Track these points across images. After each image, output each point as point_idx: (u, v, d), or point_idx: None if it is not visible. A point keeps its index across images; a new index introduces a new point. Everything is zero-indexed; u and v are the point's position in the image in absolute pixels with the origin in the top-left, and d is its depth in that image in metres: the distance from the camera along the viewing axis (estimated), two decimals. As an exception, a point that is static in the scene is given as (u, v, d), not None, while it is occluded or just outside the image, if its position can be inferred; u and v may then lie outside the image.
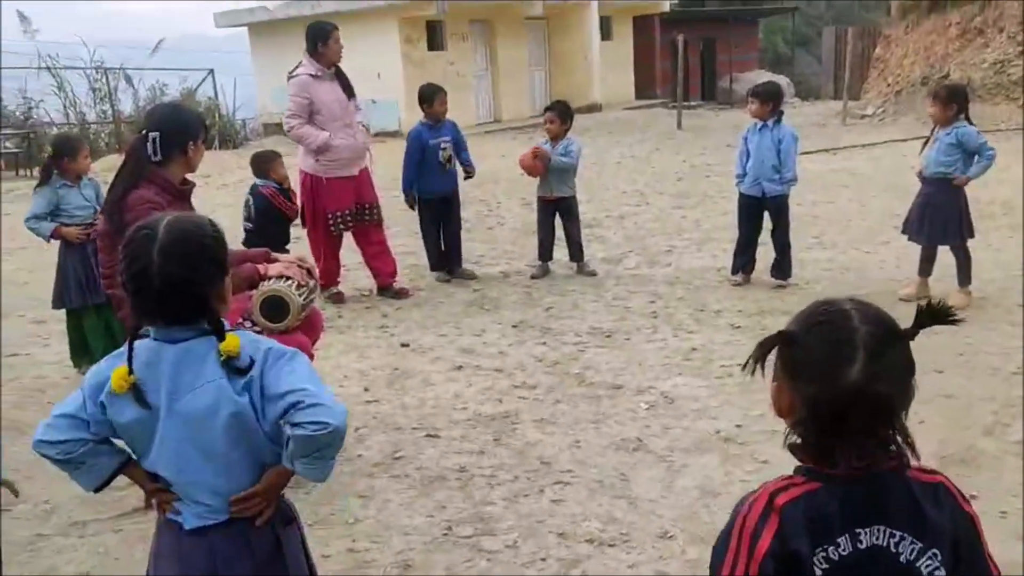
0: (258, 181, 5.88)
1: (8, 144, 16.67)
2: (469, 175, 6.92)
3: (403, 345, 5.36)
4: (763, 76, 27.91)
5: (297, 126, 6.07)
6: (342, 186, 6.18)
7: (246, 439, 1.84)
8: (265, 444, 1.86)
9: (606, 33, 24.34)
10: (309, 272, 3.51)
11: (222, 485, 1.86)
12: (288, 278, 3.35)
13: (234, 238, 5.95)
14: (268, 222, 5.77)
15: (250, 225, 5.78)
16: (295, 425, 1.77)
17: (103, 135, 18.77)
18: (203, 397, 1.80)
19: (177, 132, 3.28)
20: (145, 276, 1.76)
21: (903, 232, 5.85)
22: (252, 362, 1.81)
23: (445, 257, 6.94)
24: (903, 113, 17.91)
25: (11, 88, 17.47)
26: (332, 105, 6.05)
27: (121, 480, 2.01)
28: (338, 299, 6.44)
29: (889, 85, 19.30)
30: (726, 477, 3.45)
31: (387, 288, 6.52)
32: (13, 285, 7.45)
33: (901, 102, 18.51)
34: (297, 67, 6.18)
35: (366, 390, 4.65)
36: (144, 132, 3.27)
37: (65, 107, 18.43)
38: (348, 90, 6.17)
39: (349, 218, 6.25)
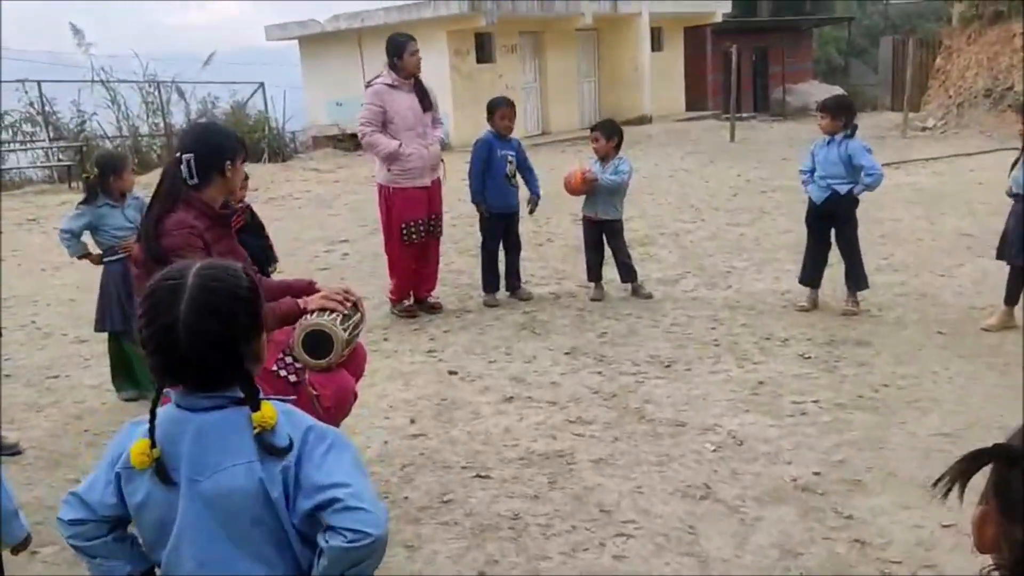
0: None
1: (62, 157, 16.88)
2: (533, 207, 6.66)
3: (451, 372, 5.12)
4: (817, 87, 27.38)
5: (369, 133, 6.02)
6: (414, 196, 6.09)
7: (275, 534, 1.58)
8: (292, 541, 1.59)
9: (657, 44, 23.98)
10: (355, 305, 3.28)
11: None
12: (332, 311, 3.12)
13: (288, 251, 5.79)
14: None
15: None
16: (330, 530, 1.52)
17: (155, 147, 18.92)
18: (231, 479, 1.55)
19: (213, 153, 3.07)
20: (170, 333, 1.52)
21: (998, 257, 5.40)
22: (291, 443, 1.56)
23: (498, 277, 6.72)
24: (965, 126, 17.33)
25: (65, 101, 17.69)
26: (406, 114, 5.99)
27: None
28: (410, 312, 6.32)
29: (951, 97, 18.70)
30: (807, 534, 3.13)
31: (423, 301, 6.45)
32: (60, 303, 7.38)
33: (963, 114, 17.91)
34: (376, 76, 6.16)
35: (412, 422, 4.42)
36: (178, 154, 3.07)
37: (118, 120, 18.61)
38: (425, 101, 6.09)
39: (422, 228, 6.15)
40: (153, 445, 1.56)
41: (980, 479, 1.02)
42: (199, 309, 1.53)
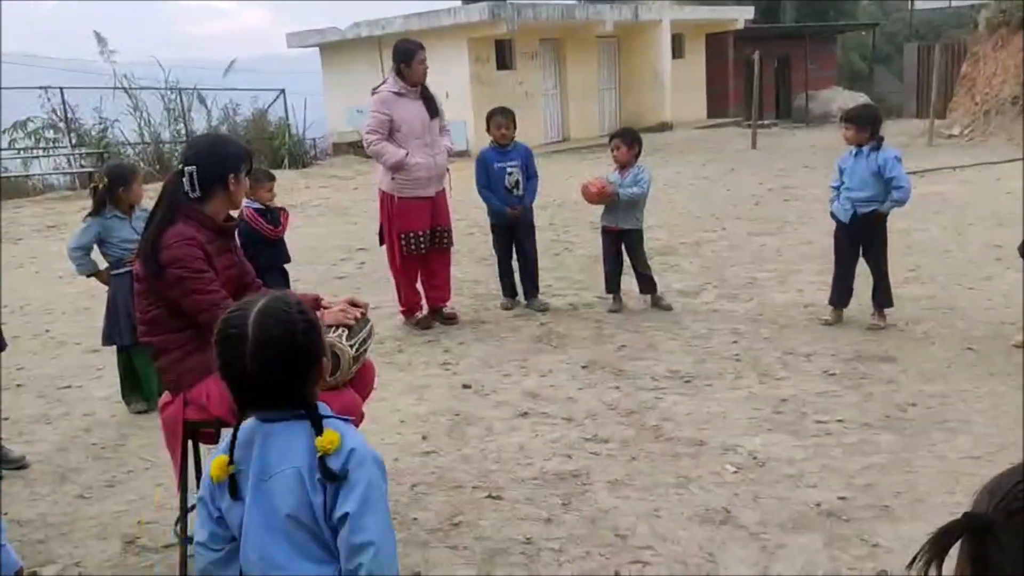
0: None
1: (84, 163, 16.96)
2: (515, 213, 6.42)
3: (465, 387, 5.01)
4: (840, 94, 27.12)
5: (375, 141, 5.91)
6: (417, 207, 5.99)
7: (319, 536, 1.77)
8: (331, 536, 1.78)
9: (678, 51, 23.85)
10: (363, 317, 3.19)
11: (309, 572, 1.77)
12: (341, 327, 3.03)
13: (306, 260, 5.71)
14: (250, 243, 5.36)
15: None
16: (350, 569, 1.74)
17: (177, 154, 18.99)
18: (285, 481, 1.76)
19: (216, 165, 2.99)
20: (240, 376, 1.76)
21: None
22: (346, 473, 1.74)
23: (513, 282, 6.72)
24: (993, 133, 17.07)
25: (88, 108, 17.76)
26: (413, 123, 5.88)
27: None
28: (425, 324, 6.25)
29: (977, 104, 18.43)
30: (832, 564, 2.99)
31: (437, 311, 6.34)
32: (75, 312, 7.35)
33: (990, 122, 17.65)
34: (382, 84, 6.06)
35: (424, 439, 4.31)
36: (180, 167, 2.99)
37: (140, 127, 18.69)
38: (432, 109, 5.98)
39: (422, 240, 6.04)
40: (231, 462, 1.79)
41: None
42: (261, 361, 1.74)
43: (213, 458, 1.82)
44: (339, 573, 1.75)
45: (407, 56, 5.87)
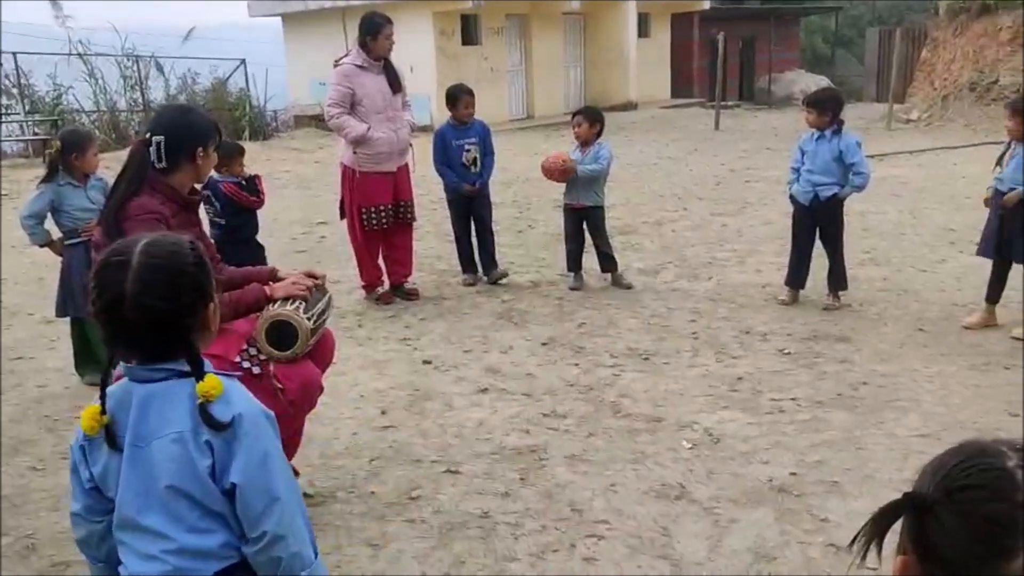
0: (215, 175, 5.29)
1: (38, 130, 16.56)
2: (472, 190, 6.44)
3: (425, 362, 5.02)
4: (803, 76, 27.36)
5: (337, 115, 5.86)
6: (378, 182, 5.96)
7: (203, 505, 1.66)
8: (223, 509, 1.67)
9: (644, 30, 23.84)
10: (320, 288, 3.17)
11: (188, 543, 1.66)
12: (298, 298, 3.01)
13: (266, 233, 5.69)
14: (234, 215, 5.41)
15: (222, 221, 5.40)
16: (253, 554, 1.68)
17: (133, 123, 18.60)
18: (164, 448, 1.63)
19: (185, 137, 2.94)
20: (118, 307, 1.60)
21: (979, 253, 5.34)
22: (235, 421, 1.62)
23: (471, 258, 6.74)
24: (951, 119, 17.32)
25: (42, 74, 17.31)
26: (375, 97, 5.83)
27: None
28: (386, 300, 6.22)
29: (936, 89, 18.68)
30: (782, 538, 3.05)
31: (399, 286, 6.32)
32: (29, 282, 7.21)
33: (948, 107, 17.90)
34: (344, 56, 6.00)
35: (383, 413, 4.31)
36: (148, 136, 2.94)
37: (95, 94, 18.25)
38: (395, 84, 5.93)
39: (383, 215, 6.01)
40: (103, 412, 1.64)
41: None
42: (143, 285, 1.59)
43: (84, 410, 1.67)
44: (226, 542, 1.67)
45: (374, 29, 5.81)
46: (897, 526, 1.02)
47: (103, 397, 1.65)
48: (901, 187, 10.25)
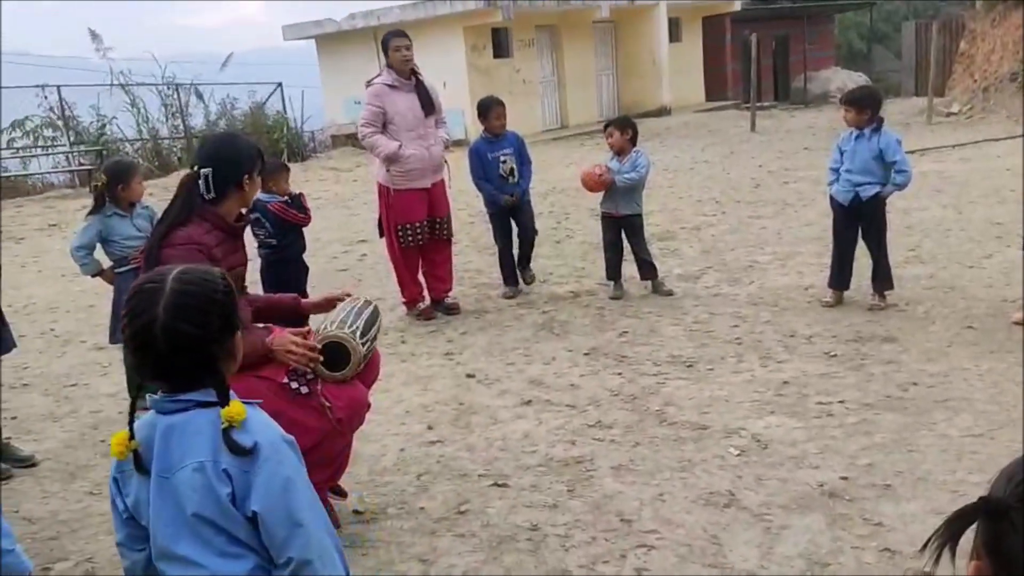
0: (263, 196, 5.40)
1: (83, 161, 16.96)
2: (511, 201, 6.47)
3: (468, 376, 5.05)
4: (839, 74, 27.02)
5: (369, 134, 5.95)
6: (412, 199, 6.02)
7: (229, 532, 1.67)
8: (246, 535, 1.67)
9: (675, 35, 23.76)
10: (369, 305, 3.26)
11: (219, 569, 1.68)
12: (351, 321, 3.07)
13: (307, 252, 5.79)
14: (284, 235, 5.52)
15: (273, 241, 5.50)
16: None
17: (175, 150, 18.99)
18: (187, 478, 1.65)
19: (231, 167, 3.02)
20: (148, 333, 1.63)
21: None
22: (256, 448, 1.64)
23: (513, 271, 6.78)
24: (992, 111, 17.00)
25: (85, 105, 17.74)
26: (406, 115, 5.91)
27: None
28: (428, 315, 6.29)
29: (976, 81, 18.37)
30: (835, 544, 3.02)
31: (439, 301, 6.37)
32: (79, 310, 7.38)
33: (989, 99, 17.58)
34: (376, 76, 6.08)
35: (429, 428, 4.34)
36: (196, 168, 3.02)
37: (138, 123, 18.67)
38: (427, 105, 5.98)
39: (419, 232, 6.07)
40: (132, 437, 1.67)
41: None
42: (176, 310, 1.63)
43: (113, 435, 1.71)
44: (257, 565, 1.68)
45: (385, 44, 5.95)
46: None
47: (131, 423, 1.69)
48: (944, 182, 10.08)
